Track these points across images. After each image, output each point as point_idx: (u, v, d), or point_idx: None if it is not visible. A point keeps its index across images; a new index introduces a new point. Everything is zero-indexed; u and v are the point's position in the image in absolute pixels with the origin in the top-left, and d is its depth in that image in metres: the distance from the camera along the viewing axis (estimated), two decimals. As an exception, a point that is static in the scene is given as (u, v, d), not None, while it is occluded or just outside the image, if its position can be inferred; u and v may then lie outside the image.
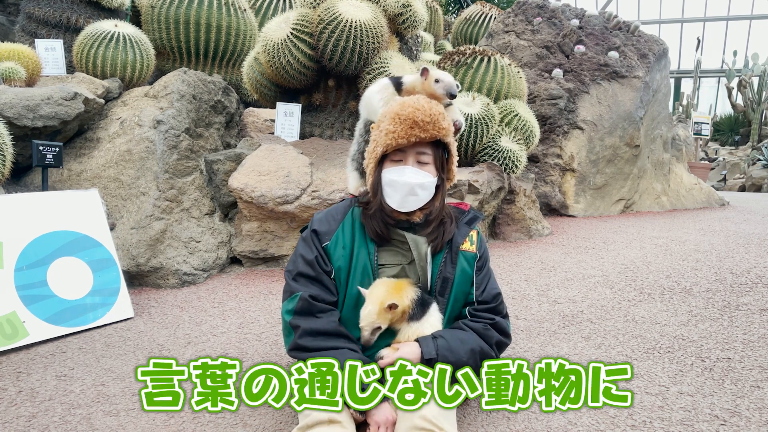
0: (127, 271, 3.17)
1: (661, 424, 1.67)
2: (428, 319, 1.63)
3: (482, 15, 8.50)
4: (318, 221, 1.72)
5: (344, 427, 1.43)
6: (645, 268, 3.39)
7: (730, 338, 2.31)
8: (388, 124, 1.60)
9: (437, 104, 1.65)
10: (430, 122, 1.58)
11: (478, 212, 1.82)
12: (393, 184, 1.61)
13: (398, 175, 1.60)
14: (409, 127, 1.57)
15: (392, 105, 1.65)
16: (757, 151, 12.02)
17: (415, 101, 1.62)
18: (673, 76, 16.41)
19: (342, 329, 1.61)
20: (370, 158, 1.67)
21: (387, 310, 1.56)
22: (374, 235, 1.65)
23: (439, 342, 1.57)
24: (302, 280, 1.65)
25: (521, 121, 4.53)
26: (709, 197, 6.34)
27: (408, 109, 1.59)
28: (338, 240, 1.67)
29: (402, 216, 1.66)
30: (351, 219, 1.71)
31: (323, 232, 1.68)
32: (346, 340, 1.60)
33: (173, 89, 3.69)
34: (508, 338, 1.72)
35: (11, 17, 5.39)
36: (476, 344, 1.61)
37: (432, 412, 1.43)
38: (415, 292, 1.61)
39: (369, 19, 3.88)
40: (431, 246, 1.66)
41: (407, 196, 1.61)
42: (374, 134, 1.67)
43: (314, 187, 3.46)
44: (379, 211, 1.65)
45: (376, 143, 1.63)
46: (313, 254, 1.65)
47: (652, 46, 6.13)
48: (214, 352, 2.29)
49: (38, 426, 1.73)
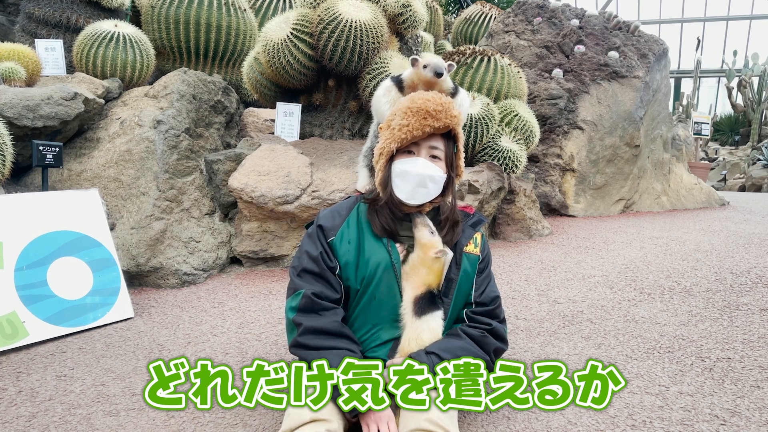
0: (127, 271, 3.17)
1: (661, 424, 1.67)
2: (429, 322, 1.62)
3: (482, 15, 8.50)
4: (323, 217, 1.72)
5: (330, 423, 1.41)
6: (645, 268, 3.39)
7: (730, 338, 2.31)
8: (400, 119, 1.62)
9: (445, 95, 1.69)
10: (441, 110, 1.60)
11: (482, 216, 1.83)
12: (404, 175, 1.62)
13: (410, 165, 1.62)
14: (423, 118, 1.59)
15: (401, 102, 1.67)
16: (757, 151, 12.02)
17: (423, 94, 1.65)
18: (673, 76, 16.41)
19: (344, 329, 1.61)
20: (381, 155, 1.67)
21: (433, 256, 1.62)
22: (381, 231, 1.65)
23: (433, 359, 1.54)
24: (307, 277, 1.64)
25: (521, 121, 4.53)
26: (709, 197, 6.34)
27: (419, 101, 1.62)
28: (344, 235, 1.67)
29: (412, 209, 1.66)
30: (356, 214, 1.71)
31: (328, 228, 1.68)
32: (348, 341, 1.59)
33: (173, 89, 3.69)
34: (505, 344, 1.71)
35: (11, 17, 5.39)
36: (472, 356, 1.58)
37: (437, 414, 1.42)
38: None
39: (369, 19, 3.88)
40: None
41: (417, 188, 1.62)
42: (384, 133, 1.68)
43: (314, 187, 3.46)
44: (387, 205, 1.65)
45: (388, 140, 1.64)
46: (317, 250, 1.65)
47: (652, 46, 6.13)
48: (214, 352, 2.29)
49: (38, 426, 1.73)
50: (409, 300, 1.63)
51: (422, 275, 1.63)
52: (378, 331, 1.66)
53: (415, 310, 1.62)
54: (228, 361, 2.20)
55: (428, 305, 1.63)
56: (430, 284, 1.63)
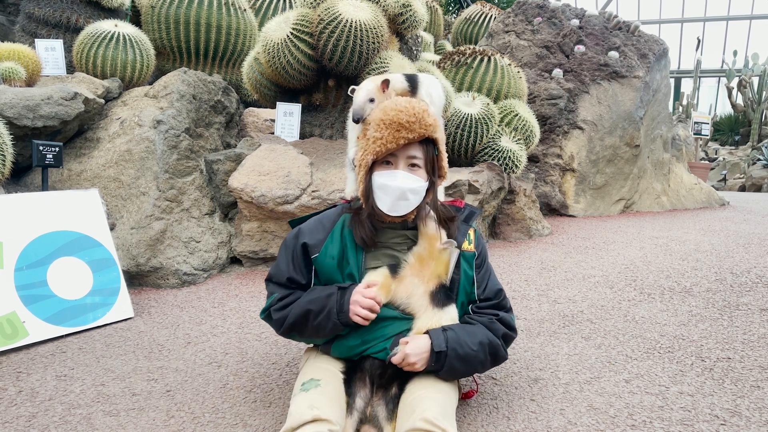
0: (127, 271, 3.17)
1: (661, 424, 1.67)
2: (450, 312, 1.65)
3: (482, 15, 8.49)
4: (308, 232, 1.70)
5: (332, 423, 1.41)
6: (645, 268, 3.39)
7: (730, 338, 2.31)
8: (374, 131, 1.58)
9: (418, 102, 1.63)
10: (415, 121, 1.56)
11: (473, 207, 1.80)
12: (384, 188, 1.59)
13: (390, 179, 1.59)
14: (396, 131, 1.55)
15: (374, 111, 1.63)
16: (757, 151, 12.02)
17: (396, 103, 1.59)
18: (673, 76, 16.40)
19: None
20: (360, 166, 1.65)
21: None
22: (360, 241, 1.65)
23: (449, 334, 1.58)
24: (280, 286, 1.72)
25: (521, 121, 4.53)
26: (709, 197, 6.34)
27: (390, 112, 1.57)
28: (327, 250, 1.66)
29: (395, 218, 1.66)
30: (341, 226, 1.69)
31: (312, 245, 1.68)
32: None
33: (173, 89, 3.69)
34: (513, 332, 1.72)
35: (11, 17, 5.38)
36: (485, 336, 1.63)
37: (433, 413, 1.42)
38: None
39: (369, 19, 3.87)
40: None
41: (398, 201, 1.59)
42: (360, 143, 1.66)
43: (314, 187, 3.46)
44: (369, 216, 1.64)
45: (365, 151, 1.61)
46: (288, 273, 1.69)
47: (652, 46, 6.13)
48: (214, 352, 2.30)
49: (38, 426, 1.73)
50: (423, 295, 1.63)
51: (432, 268, 1.64)
52: (382, 328, 1.63)
53: (435, 303, 1.63)
54: (228, 362, 2.20)
55: (446, 298, 1.65)
56: (440, 275, 1.65)
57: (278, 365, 2.16)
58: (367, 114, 1.66)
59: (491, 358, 1.66)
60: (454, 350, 1.56)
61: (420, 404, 1.47)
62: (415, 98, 1.69)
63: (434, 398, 1.50)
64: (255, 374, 2.08)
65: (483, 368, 1.68)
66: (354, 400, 1.57)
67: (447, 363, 1.56)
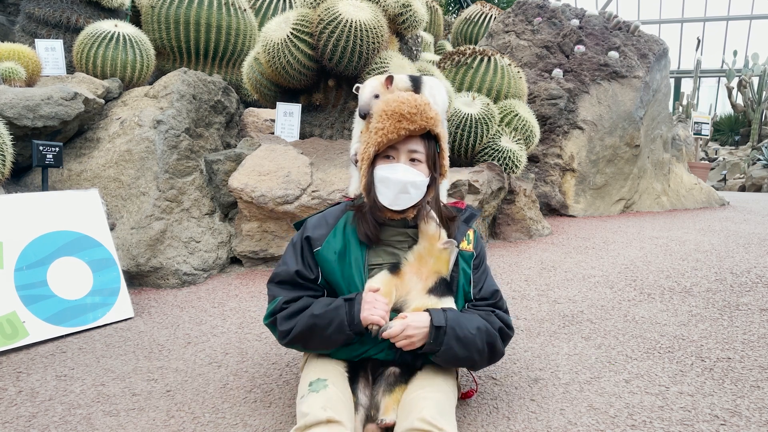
0: (127, 271, 3.17)
1: (661, 424, 1.67)
2: (446, 302, 1.65)
3: (482, 15, 8.50)
4: (311, 227, 1.71)
5: (344, 426, 1.42)
6: (645, 268, 3.39)
7: (730, 338, 2.31)
8: (376, 122, 1.61)
9: (422, 96, 1.67)
10: (416, 113, 1.58)
11: (475, 209, 1.82)
12: (385, 181, 1.61)
13: (391, 172, 1.60)
14: (397, 121, 1.57)
15: (377, 104, 1.65)
16: (757, 151, 12.02)
17: (398, 95, 1.62)
18: (673, 76, 16.41)
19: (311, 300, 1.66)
20: (362, 159, 1.67)
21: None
22: (363, 237, 1.65)
23: (448, 313, 1.58)
24: (285, 286, 1.69)
25: (521, 121, 4.53)
26: (709, 197, 6.34)
27: (393, 103, 1.60)
28: (330, 245, 1.66)
29: (396, 215, 1.66)
30: (344, 223, 1.70)
31: (315, 239, 1.68)
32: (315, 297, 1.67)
33: (173, 89, 3.69)
34: (510, 330, 1.72)
35: (11, 17, 5.39)
36: (482, 324, 1.63)
37: (431, 413, 1.42)
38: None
39: (369, 19, 3.87)
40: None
41: (399, 194, 1.61)
42: (363, 137, 1.69)
43: (314, 187, 3.46)
44: (371, 211, 1.65)
45: (367, 144, 1.64)
46: (296, 267, 1.67)
47: (652, 46, 6.13)
48: (214, 352, 2.30)
49: (38, 426, 1.73)
50: (421, 291, 1.64)
51: (430, 265, 1.65)
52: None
53: (433, 294, 1.64)
54: (228, 362, 2.20)
55: (446, 290, 1.66)
56: (439, 271, 1.65)
57: (278, 365, 2.16)
58: (372, 109, 1.69)
59: (488, 349, 1.63)
60: (453, 329, 1.55)
61: (418, 404, 1.48)
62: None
63: (432, 398, 1.50)
64: (255, 374, 2.08)
65: (480, 358, 1.64)
66: (358, 398, 1.58)
67: (445, 342, 1.54)
